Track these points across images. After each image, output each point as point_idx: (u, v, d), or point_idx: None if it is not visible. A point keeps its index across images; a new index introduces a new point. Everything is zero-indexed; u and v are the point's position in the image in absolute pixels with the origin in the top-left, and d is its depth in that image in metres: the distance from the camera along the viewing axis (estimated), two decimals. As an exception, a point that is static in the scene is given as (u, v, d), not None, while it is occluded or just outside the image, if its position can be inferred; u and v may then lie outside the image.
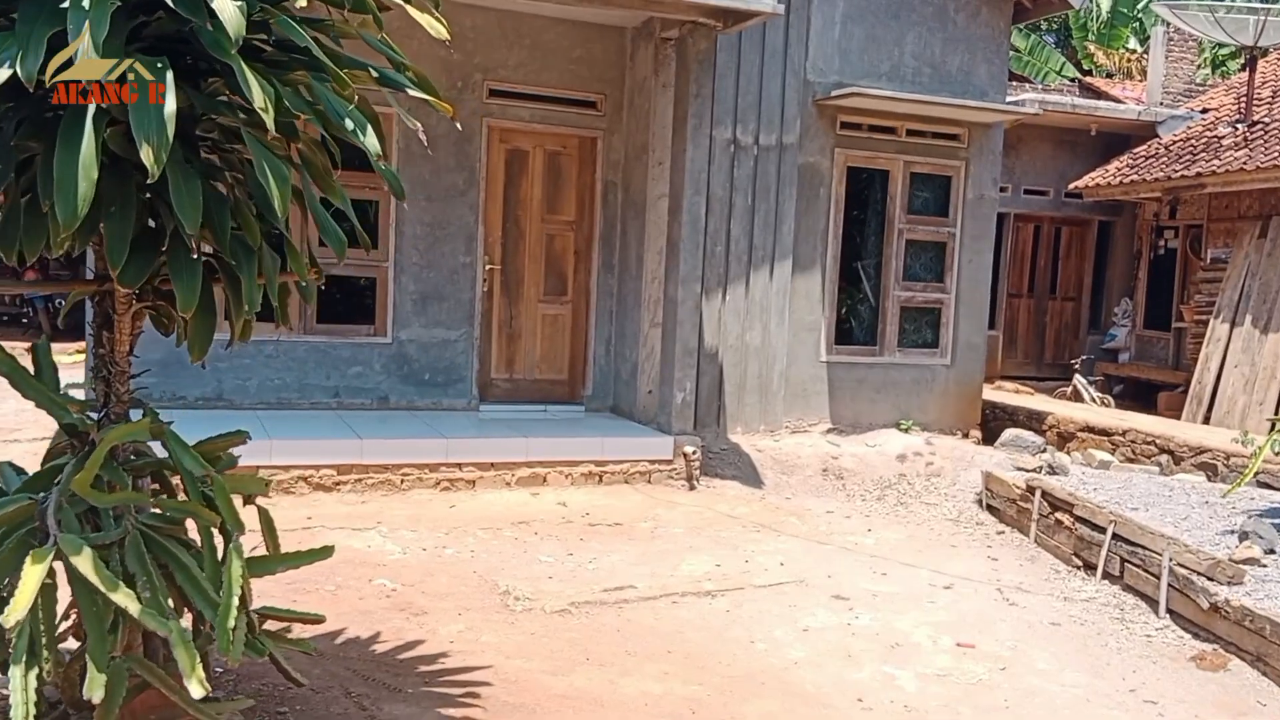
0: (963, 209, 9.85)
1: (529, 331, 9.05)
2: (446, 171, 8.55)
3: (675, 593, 5.68)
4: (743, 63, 8.85)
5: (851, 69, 9.25)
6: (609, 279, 9.09)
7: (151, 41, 3.04)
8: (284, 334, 8.23)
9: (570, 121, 8.90)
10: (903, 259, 9.74)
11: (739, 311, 9.05)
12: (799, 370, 9.37)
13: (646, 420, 8.47)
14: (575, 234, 9.08)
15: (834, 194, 9.34)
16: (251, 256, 3.36)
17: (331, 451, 7.20)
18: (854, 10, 9.24)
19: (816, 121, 9.20)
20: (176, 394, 7.98)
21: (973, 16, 9.67)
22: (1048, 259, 15.29)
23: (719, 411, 9.05)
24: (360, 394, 8.47)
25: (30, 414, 8.24)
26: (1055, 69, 20.62)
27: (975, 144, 9.84)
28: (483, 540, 6.46)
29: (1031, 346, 15.27)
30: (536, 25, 8.68)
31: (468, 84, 8.54)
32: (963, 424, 10.00)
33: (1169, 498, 7.06)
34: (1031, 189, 14.72)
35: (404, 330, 8.56)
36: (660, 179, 8.31)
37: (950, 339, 9.95)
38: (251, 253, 3.36)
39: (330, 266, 4.32)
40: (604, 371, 9.16)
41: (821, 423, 9.47)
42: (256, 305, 3.35)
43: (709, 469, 8.32)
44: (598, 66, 8.90)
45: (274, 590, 5.23)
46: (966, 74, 9.69)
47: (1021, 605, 5.86)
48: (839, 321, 9.61)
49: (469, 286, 8.70)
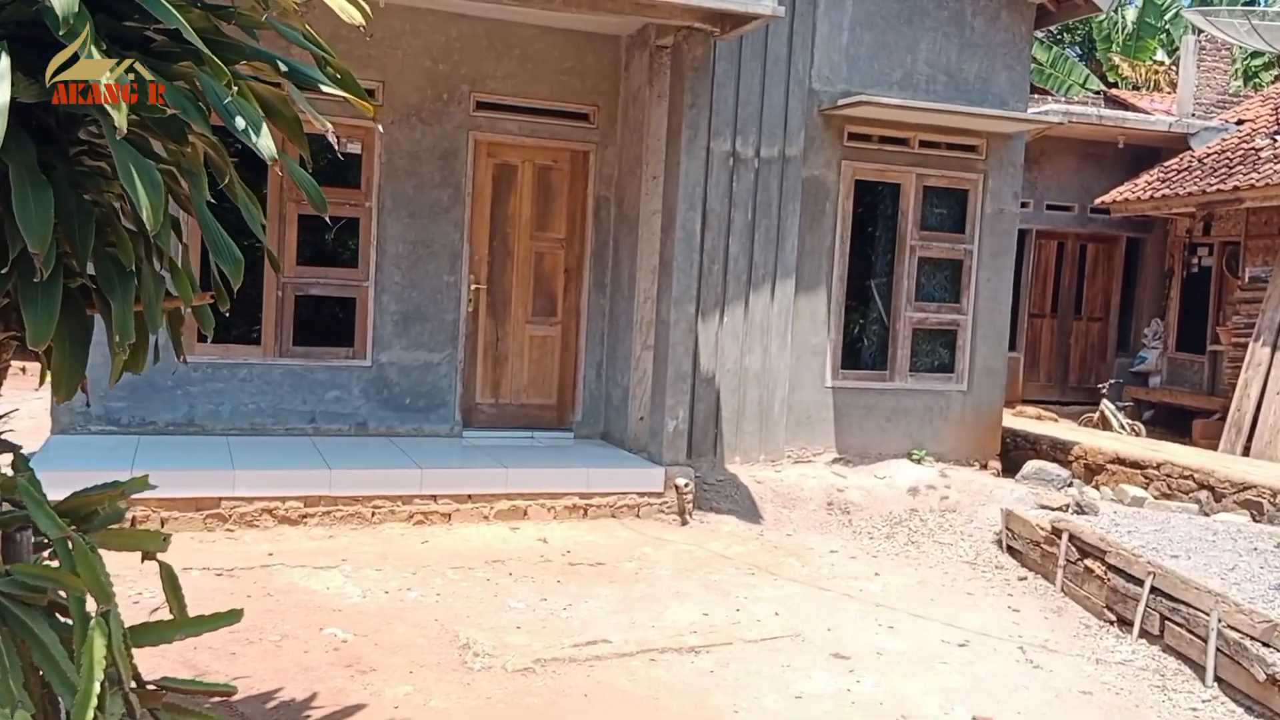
0: (980, 225, 9.29)
1: (516, 354, 8.57)
2: (431, 187, 8.10)
3: (654, 648, 5.14)
4: (743, 71, 8.36)
5: (860, 77, 8.73)
6: (601, 299, 8.59)
7: (13, 29, 2.59)
8: (258, 356, 7.80)
9: (561, 134, 8.43)
10: (915, 278, 9.18)
11: (738, 334, 8.53)
12: (803, 396, 8.82)
13: (638, 449, 7.96)
14: (566, 252, 8.60)
15: (841, 209, 8.81)
16: (128, 279, 2.88)
17: (298, 482, 6.73)
18: (863, 16, 8.73)
19: (822, 133, 8.68)
20: (146, 419, 7.56)
21: (992, 21, 9.14)
22: (1072, 277, 14.67)
23: (716, 440, 8.51)
24: (338, 419, 8.01)
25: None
26: (1079, 82, 20.01)
27: (994, 156, 9.28)
28: (451, 582, 5.96)
29: (1055, 369, 14.64)
30: (526, 35, 8.23)
31: (454, 96, 8.09)
32: (981, 454, 9.41)
33: (1213, 543, 6.42)
34: (1055, 204, 14.13)
35: (384, 352, 8.10)
36: (654, 194, 7.83)
37: (967, 363, 9.37)
38: (128, 275, 2.88)
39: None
40: (595, 396, 8.65)
41: (827, 452, 8.91)
42: (130, 336, 2.86)
43: (704, 502, 7.79)
44: (590, 77, 8.44)
45: (212, 641, 4.76)
46: (985, 82, 9.15)
47: (1047, 668, 5.26)
48: (846, 344, 9.05)
49: (453, 307, 8.24)
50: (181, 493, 6.40)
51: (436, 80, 8.03)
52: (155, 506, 6.35)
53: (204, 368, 7.63)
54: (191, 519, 6.44)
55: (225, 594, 5.50)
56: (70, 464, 6.42)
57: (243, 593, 5.54)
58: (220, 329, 7.90)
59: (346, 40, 7.75)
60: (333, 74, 3.24)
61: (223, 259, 3.02)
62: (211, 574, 5.83)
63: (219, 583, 5.69)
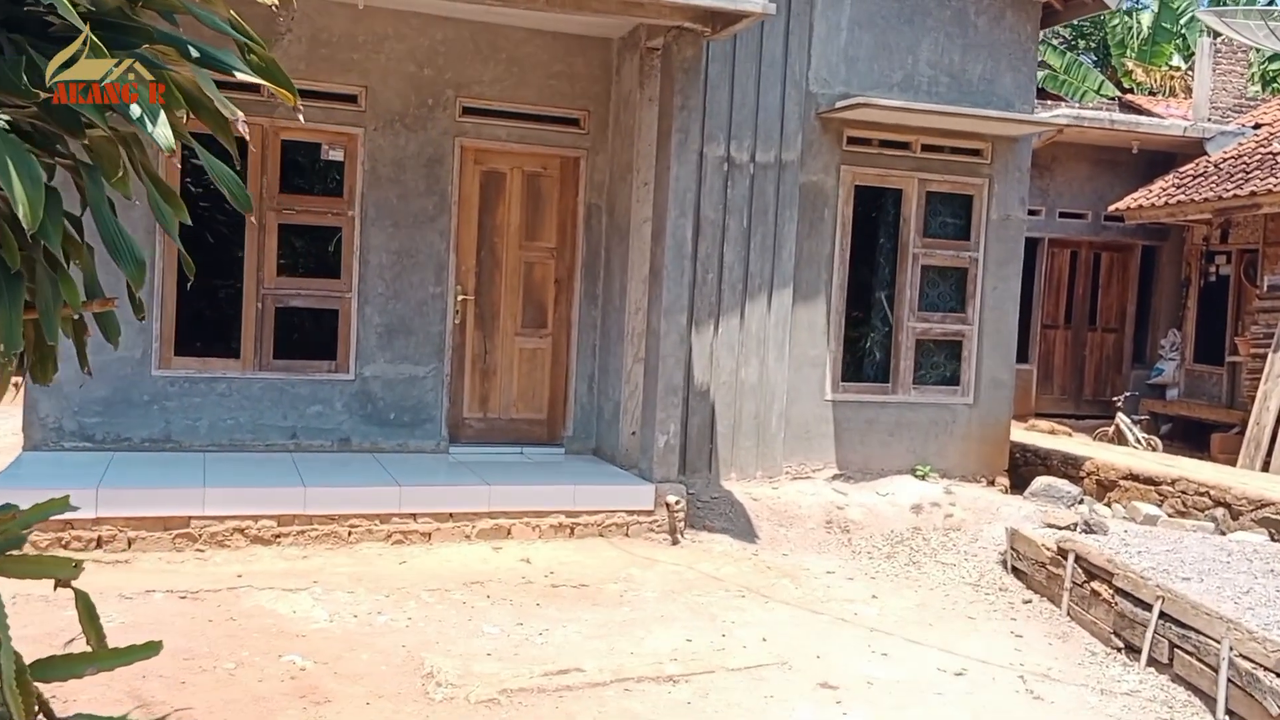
0: (986, 231, 8.98)
1: (505, 367, 8.31)
2: (416, 196, 7.87)
3: (630, 677, 4.86)
4: (737, 73, 8.10)
5: (859, 79, 8.46)
6: (592, 310, 8.33)
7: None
8: (238, 370, 7.59)
9: (551, 140, 8.19)
10: (918, 287, 8.87)
11: (733, 345, 8.24)
12: (801, 410, 8.51)
13: (630, 465, 7.68)
14: (556, 262, 8.35)
15: (840, 216, 8.53)
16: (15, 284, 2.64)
17: (272, 500, 6.49)
18: (862, 16, 8.46)
19: (820, 136, 8.41)
20: (121, 435, 7.34)
21: (996, 20, 8.85)
22: (1086, 287, 14.30)
23: (710, 455, 8.22)
24: (320, 435, 7.78)
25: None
26: (1093, 88, 19.66)
27: (999, 160, 8.98)
28: (425, 605, 5.69)
29: (1069, 381, 14.26)
30: (514, 38, 8.01)
31: (439, 101, 7.87)
32: (988, 470, 9.07)
33: (1227, 564, 6.07)
34: (1067, 211, 13.79)
35: (368, 366, 7.86)
36: (645, 201, 7.57)
37: (973, 375, 9.04)
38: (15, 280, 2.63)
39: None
40: (586, 410, 8.38)
41: (827, 468, 8.60)
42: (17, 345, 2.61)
43: (697, 520, 7.50)
44: (581, 81, 8.20)
45: (162, 668, 4.51)
46: (989, 83, 8.86)
47: (1049, 700, 4.94)
48: (847, 356, 8.74)
49: (439, 319, 7.99)
50: (149, 511, 6.17)
51: (421, 85, 7.81)
52: (122, 526, 6.12)
53: (180, 382, 7.41)
54: (160, 539, 6.20)
55: (186, 618, 5.25)
56: (35, 482, 6.21)
57: (204, 616, 5.30)
58: (198, 341, 7.71)
59: (329, 45, 7.58)
60: (256, 62, 3.01)
61: (122, 261, 2.77)
62: (175, 596, 5.58)
63: (181, 606, 5.45)
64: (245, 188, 2.96)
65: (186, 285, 7.32)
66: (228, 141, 3.09)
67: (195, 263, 2.90)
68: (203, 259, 7.62)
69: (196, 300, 7.52)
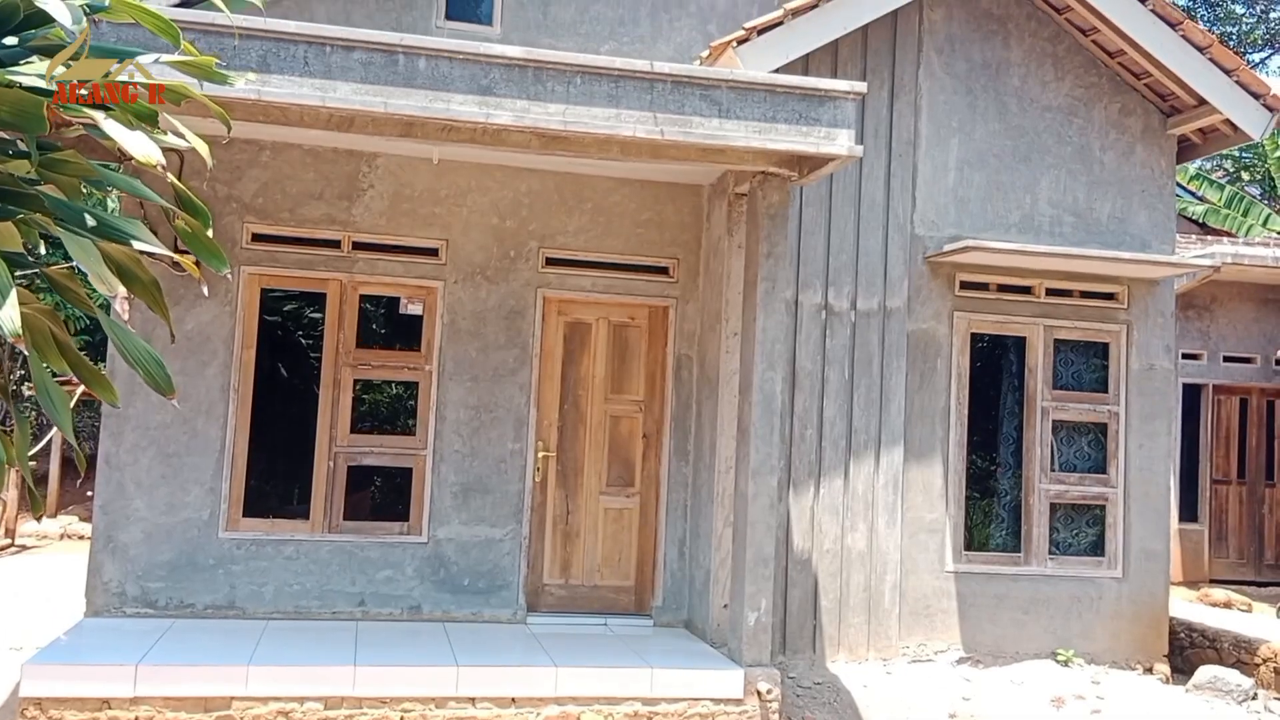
0: (1126, 382, 8.00)
1: (589, 529, 7.74)
2: (495, 349, 7.57)
3: None
4: (834, 217, 7.60)
5: (972, 220, 7.81)
6: (683, 467, 7.73)
7: None
8: (306, 532, 7.29)
9: (638, 290, 7.82)
10: (1049, 444, 7.90)
11: (837, 508, 7.45)
12: (918, 582, 7.57)
13: (720, 642, 6.90)
14: (644, 415, 7.84)
15: (955, 366, 7.75)
16: None
17: (320, 680, 6.00)
18: (971, 155, 7.87)
19: (929, 281, 7.74)
20: (184, 601, 7.08)
21: (1125, 156, 8.10)
22: (1260, 437, 12.78)
23: (815, 632, 7.34)
24: (389, 602, 7.33)
25: None
26: (1259, 221, 18.21)
27: (1138, 304, 8.07)
28: (465, 813, 5.02)
29: (1247, 543, 12.60)
30: (601, 188, 7.77)
31: (521, 253, 7.65)
32: (1143, 654, 7.81)
33: None
34: (1233, 355, 12.47)
35: (441, 528, 7.44)
36: (734, 352, 7.04)
37: (1120, 544, 7.91)
38: None
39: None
40: (676, 578, 7.68)
41: (950, 649, 7.56)
42: None
43: (795, 710, 6.60)
44: (670, 229, 7.86)
45: None
46: (1120, 222, 8.05)
47: None
48: (969, 521, 7.80)
49: (518, 477, 7.55)
50: (190, 690, 5.77)
51: (504, 237, 7.62)
52: (160, 706, 5.73)
53: (248, 544, 7.15)
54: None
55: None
56: (78, 656, 5.94)
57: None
58: (267, 501, 7.46)
59: (411, 199, 7.50)
60: (182, 228, 2.69)
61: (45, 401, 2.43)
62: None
63: (200, 803, 4.96)
64: (165, 368, 2.59)
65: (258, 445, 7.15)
66: (164, 316, 2.74)
67: (268, 418, 2.58)
68: (275, 414, 7.54)
69: (267, 457, 7.32)
